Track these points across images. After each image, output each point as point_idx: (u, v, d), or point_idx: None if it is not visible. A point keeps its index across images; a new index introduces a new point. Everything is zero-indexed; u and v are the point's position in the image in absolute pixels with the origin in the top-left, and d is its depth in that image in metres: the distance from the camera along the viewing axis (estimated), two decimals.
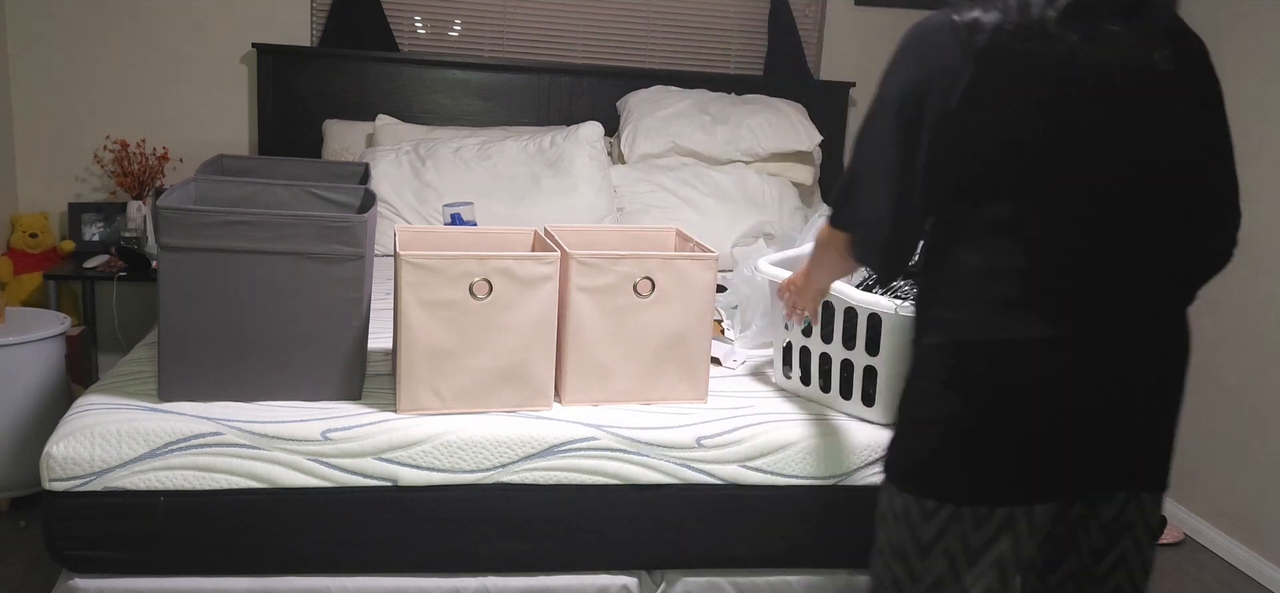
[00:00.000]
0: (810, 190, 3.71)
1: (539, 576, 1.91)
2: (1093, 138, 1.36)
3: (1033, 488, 1.40)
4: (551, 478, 1.86)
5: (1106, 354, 1.39)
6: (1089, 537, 1.48)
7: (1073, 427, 1.38)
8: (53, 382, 2.74)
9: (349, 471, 1.80)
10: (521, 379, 1.91)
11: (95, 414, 1.77)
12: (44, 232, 3.42)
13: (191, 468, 1.75)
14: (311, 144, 3.61)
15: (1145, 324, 1.43)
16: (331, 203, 2.15)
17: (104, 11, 3.48)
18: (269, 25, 3.60)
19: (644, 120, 3.55)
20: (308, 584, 1.83)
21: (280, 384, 1.88)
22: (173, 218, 1.76)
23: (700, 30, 3.97)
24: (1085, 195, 1.37)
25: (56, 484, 1.72)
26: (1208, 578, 2.89)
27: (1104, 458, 1.41)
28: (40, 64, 3.49)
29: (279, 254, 1.82)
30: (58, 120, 3.53)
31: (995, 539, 1.40)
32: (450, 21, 3.81)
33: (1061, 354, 1.37)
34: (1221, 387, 3.04)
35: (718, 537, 1.94)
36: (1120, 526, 1.47)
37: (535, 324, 1.89)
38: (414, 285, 1.81)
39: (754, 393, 2.11)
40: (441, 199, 3.14)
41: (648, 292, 1.95)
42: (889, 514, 1.49)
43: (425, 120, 3.66)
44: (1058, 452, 1.39)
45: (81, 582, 1.77)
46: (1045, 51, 1.34)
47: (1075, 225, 1.37)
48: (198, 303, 1.81)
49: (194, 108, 3.61)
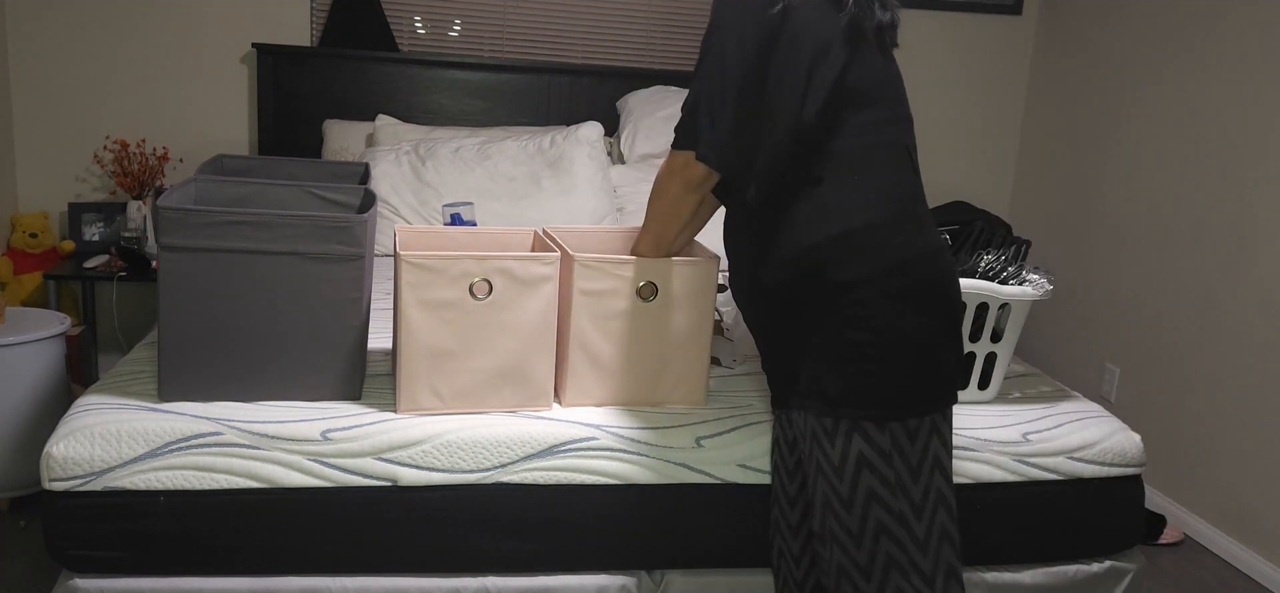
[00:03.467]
0: None
1: (539, 576, 1.91)
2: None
3: (962, 371, 1.64)
4: (551, 478, 1.86)
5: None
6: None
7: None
8: (53, 382, 2.74)
9: (349, 471, 1.79)
10: (521, 379, 1.91)
11: (95, 414, 1.77)
12: (44, 232, 3.42)
13: (191, 468, 1.75)
14: (311, 144, 3.61)
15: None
16: (331, 203, 2.15)
17: (104, 12, 3.48)
18: (269, 25, 3.60)
19: (644, 120, 3.55)
20: (308, 584, 1.83)
21: (280, 384, 1.88)
22: (173, 218, 1.76)
23: (700, 30, 3.97)
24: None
25: (56, 484, 1.72)
26: (1208, 578, 2.89)
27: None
28: (40, 64, 3.49)
29: (279, 254, 1.82)
30: (58, 120, 3.53)
31: (952, 427, 1.59)
32: (450, 21, 3.81)
33: (949, 258, 1.60)
34: (1221, 387, 3.04)
35: (718, 537, 1.94)
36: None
37: (535, 324, 1.89)
38: (414, 285, 1.81)
39: (754, 393, 2.11)
40: (441, 199, 3.14)
41: (649, 294, 1.95)
42: (874, 455, 1.53)
43: (425, 120, 3.66)
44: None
45: (81, 582, 1.77)
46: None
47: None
48: (198, 303, 1.81)
49: (194, 108, 3.61)
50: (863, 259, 1.50)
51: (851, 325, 1.51)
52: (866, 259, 1.50)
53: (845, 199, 1.51)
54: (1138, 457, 2.11)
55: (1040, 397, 2.26)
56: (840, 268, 1.50)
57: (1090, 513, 2.09)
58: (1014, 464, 2.03)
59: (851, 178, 1.52)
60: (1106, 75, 3.66)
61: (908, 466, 1.53)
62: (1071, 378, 3.80)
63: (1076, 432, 2.09)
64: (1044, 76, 4.06)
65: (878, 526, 1.54)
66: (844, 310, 1.51)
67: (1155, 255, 3.36)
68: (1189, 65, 3.25)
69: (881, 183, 1.53)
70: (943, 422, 1.56)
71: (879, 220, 1.51)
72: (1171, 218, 3.29)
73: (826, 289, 1.52)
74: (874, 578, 1.55)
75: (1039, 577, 2.09)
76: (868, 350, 1.51)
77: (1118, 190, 3.57)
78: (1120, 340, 3.52)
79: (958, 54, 4.09)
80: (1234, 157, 3.04)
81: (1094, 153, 3.71)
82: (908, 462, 1.53)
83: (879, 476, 1.53)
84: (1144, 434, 3.37)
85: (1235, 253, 3.02)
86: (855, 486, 1.54)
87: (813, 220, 1.52)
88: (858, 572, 1.56)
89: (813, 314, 1.54)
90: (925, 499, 1.54)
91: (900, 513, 1.53)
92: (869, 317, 1.50)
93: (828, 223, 1.51)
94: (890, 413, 1.51)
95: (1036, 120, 4.11)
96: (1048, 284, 2.09)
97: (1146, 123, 3.43)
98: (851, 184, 1.52)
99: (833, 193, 1.52)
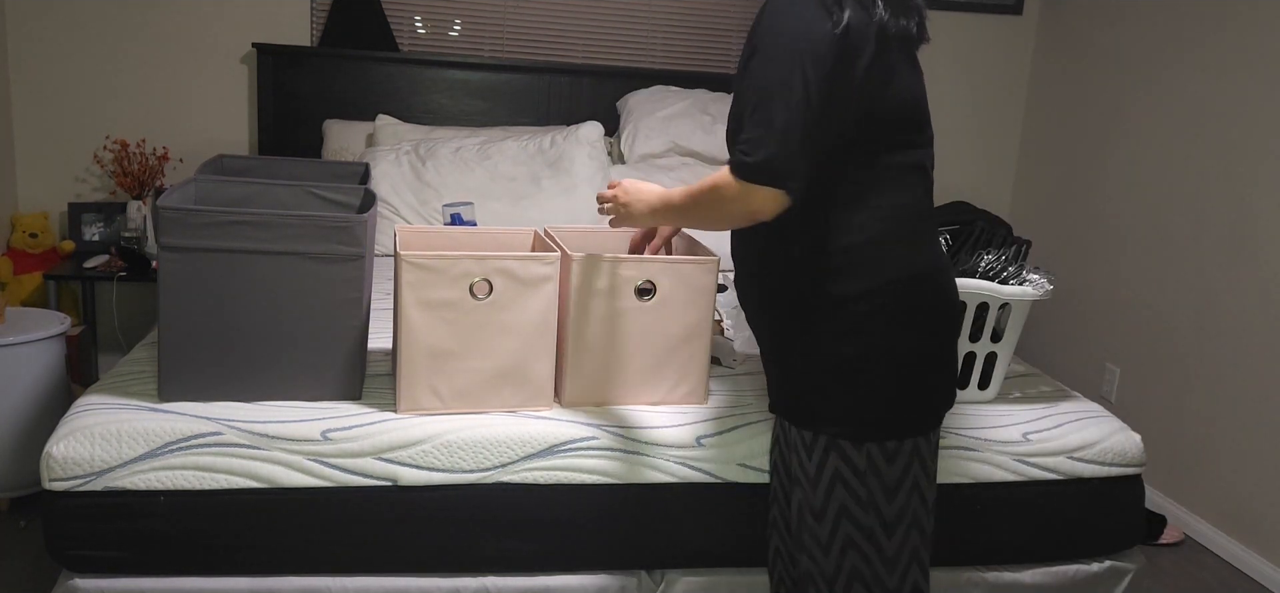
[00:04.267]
0: None
1: (539, 576, 1.91)
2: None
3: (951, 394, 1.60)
4: (551, 478, 1.86)
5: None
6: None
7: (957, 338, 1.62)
8: (53, 382, 2.74)
9: (349, 470, 1.79)
10: (521, 379, 1.91)
11: (95, 414, 1.77)
12: (44, 232, 3.42)
13: (191, 468, 1.75)
14: (311, 144, 3.61)
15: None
16: (331, 203, 2.15)
17: (104, 12, 3.48)
18: (269, 25, 3.60)
19: (644, 120, 3.55)
20: (308, 584, 1.83)
21: (280, 384, 1.88)
22: (173, 218, 1.76)
23: (700, 30, 3.97)
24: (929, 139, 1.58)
25: (56, 484, 1.72)
26: (1208, 578, 2.89)
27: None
28: (40, 64, 3.49)
29: (279, 254, 1.82)
30: (58, 120, 3.53)
31: (936, 452, 1.59)
32: (450, 21, 3.81)
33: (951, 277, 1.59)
34: (1221, 387, 3.04)
35: (718, 537, 1.94)
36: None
37: (535, 324, 1.89)
38: (414, 285, 1.81)
39: (754, 393, 2.11)
40: (441, 199, 3.14)
41: (649, 293, 1.95)
42: (849, 473, 1.53)
43: (425, 120, 3.66)
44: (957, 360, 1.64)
45: (81, 582, 1.77)
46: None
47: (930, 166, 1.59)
48: (198, 303, 1.81)
49: (194, 108, 3.61)
50: (859, 275, 1.50)
51: (843, 340, 1.51)
52: (863, 275, 1.50)
53: (851, 215, 1.51)
54: (1138, 457, 2.11)
55: (1040, 397, 2.26)
56: (838, 282, 1.51)
57: (1090, 513, 2.09)
58: (1014, 464, 2.03)
59: (861, 193, 1.51)
60: (1106, 75, 3.66)
61: (883, 485, 1.53)
62: (1071, 378, 3.80)
63: (1077, 432, 2.09)
64: (1044, 76, 4.06)
65: (846, 540, 1.56)
66: (837, 324, 1.52)
67: (1155, 255, 3.36)
68: (1189, 65, 3.25)
69: (890, 200, 1.52)
70: (925, 445, 1.56)
71: (880, 237, 1.51)
72: (1171, 218, 3.29)
73: (824, 302, 1.52)
74: (837, 587, 1.57)
75: (1039, 577, 2.09)
76: (857, 364, 1.51)
77: (1118, 190, 3.57)
78: (1120, 340, 3.52)
79: (958, 54, 4.09)
80: (1234, 157, 3.04)
81: (1094, 153, 3.71)
82: (883, 482, 1.53)
83: (852, 493, 1.54)
84: (1144, 434, 3.37)
85: (1235, 253, 3.02)
86: (829, 498, 1.56)
87: (818, 233, 1.52)
88: (823, 580, 1.59)
89: (809, 325, 1.54)
90: (898, 519, 1.54)
91: (870, 530, 1.55)
92: (860, 332, 1.50)
93: (831, 237, 1.51)
94: (869, 434, 1.52)
95: (1036, 120, 4.11)
96: (1048, 284, 2.09)
97: (1146, 123, 3.43)
98: (859, 200, 1.51)
99: (841, 207, 1.51)
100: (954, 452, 2.00)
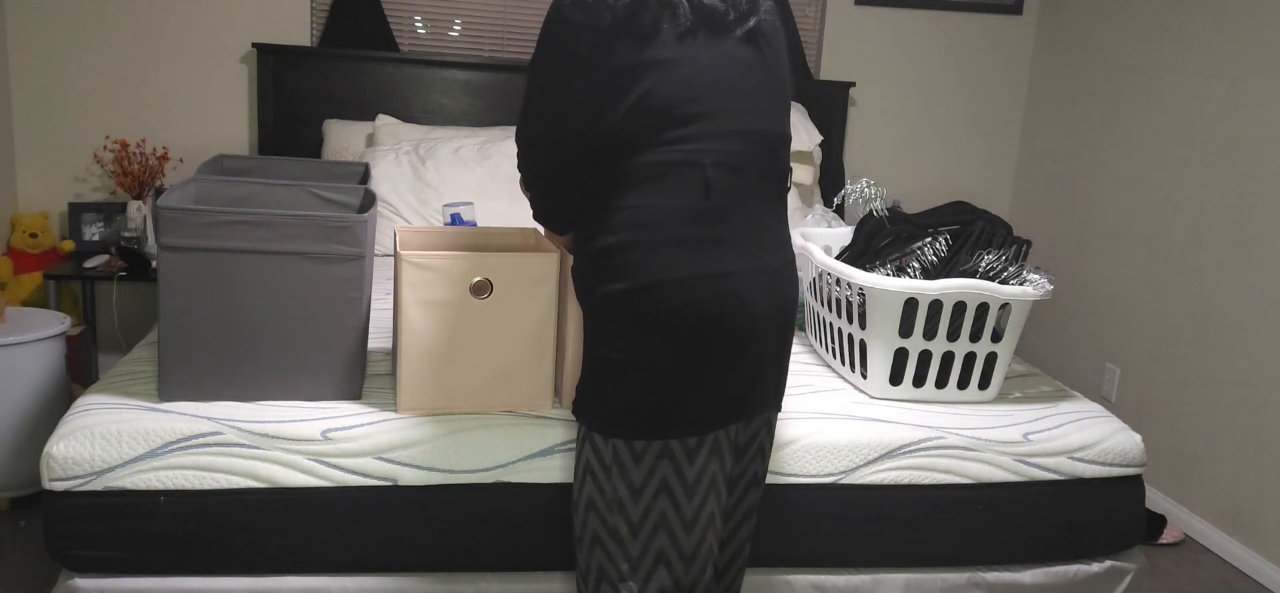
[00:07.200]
0: (810, 190, 3.70)
1: (539, 576, 1.91)
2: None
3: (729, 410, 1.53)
4: (551, 478, 1.86)
5: (765, 285, 1.53)
6: (748, 449, 1.66)
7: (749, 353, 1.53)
8: (53, 382, 2.74)
9: (349, 470, 1.79)
10: (521, 379, 1.91)
11: (95, 414, 1.77)
12: (44, 232, 3.42)
13: (191, 468, 1.75)
14: (311, 144, 3.61)
15: (783, 257, 1.59)
16: (331, 203, 2.15)
17: (104, 12, 3.48)
18: (269, 25, 3.60)
19: None
20: (308, 584, 1.83)
21: (280, 384, 1.88)
22: (173, 218, 1.76)
23: None
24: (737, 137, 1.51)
25: (56, 484, 1.72)
26: (1208, 578, 2.89)
27: (770, 379, 1.59)
28: (40, 64, 3.49)
29: (279, 254, 1.82)
30: (58, 120, 3.53)
31: (707, 465, 1.54)
32: (450, 21, 3.81)
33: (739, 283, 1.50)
34: (1221, 387, 3.04)
35: None
36: (760, 439, 1.67)
37: (535, 324, 1.89)
38: (414, 285, 1.81)
39: None
40: (441, 199, 3.14)
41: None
42: (597, 466, 1.55)
43: (425, 120, 3.66)
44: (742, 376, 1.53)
45: (81, 582, 1.77)
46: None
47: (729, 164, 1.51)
48: (198, 303, 1.81)
49: (194, 108, 3.61)
50: (616, 277, 1.50)
51: (600, 338, 1.54)
52: (618, 277, 1.50)
53: (618, 216, 1.50)
54: (1138, 457, 2.11)
55: (1041, 397, 2.26)
56: (600, 283, 1.52)
57: (1090, 513, 2.09)
58: (1014, 464, 2.03)
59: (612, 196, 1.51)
60: (1106, 75, 3.66)
61: (628, 484, 1.53)
62: (1071, 378, 3.80)
63: (1077, 432, 2.09)
64: (1044, 76, 4.06)
65: (593, 536, 1.58)
66: (596, 322, 1.55)
67: (1155, 255, 3.36)
68: (1189, 65, 3.25)
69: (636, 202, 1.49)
70: (681, 451, 1.52)
71: (626, 242, 1.49)
72: (1171, 218, 3.29)
73: (588, 300, 1.56)
74: (589, 583, 1.60)
75: (1039, 577, 2.09)
76: (610, 361, 1.52)
77: (1117, 190, 3.57)
78: (1120, 340, 3.52)
79: (958, 54, 4.10)
80: (1233, 157, 3.04)
81: (1094, 153, 3.71)
82: (628, 481, 1.53)
83: (598, 486, 1.56)
84: (1144, 434, 3.37)
85: (1235, 253, 3.02)
86: (581, 491, 1.59)
87: (592, 233, 1.54)
88: (579, 577, 1.63)
89: (586, 321, 1.58)
90: (644, 521, 1.54)
91: (614, 528, 1.55)
92: (612, 332, 1.52)
93: (597, 237, 1.53)
94: (614, 430, 1.53)
95: (1036, 120, 4.11)
96: (1048, 284, 2.09)
97: (1146, 123, 3.43)
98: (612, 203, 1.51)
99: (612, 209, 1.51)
100: (954, 452, 2.00)
